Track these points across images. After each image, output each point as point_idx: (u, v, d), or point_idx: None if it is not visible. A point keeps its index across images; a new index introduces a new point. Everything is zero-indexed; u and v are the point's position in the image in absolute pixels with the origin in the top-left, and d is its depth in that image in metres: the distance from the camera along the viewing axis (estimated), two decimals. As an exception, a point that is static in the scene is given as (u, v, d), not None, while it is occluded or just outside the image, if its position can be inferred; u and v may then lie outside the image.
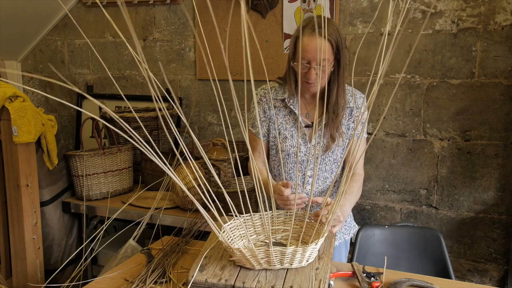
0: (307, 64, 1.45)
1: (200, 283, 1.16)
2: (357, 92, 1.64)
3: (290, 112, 1.62)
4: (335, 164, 1.63)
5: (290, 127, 1.62)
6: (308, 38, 1.42)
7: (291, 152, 1.61)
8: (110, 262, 2.00)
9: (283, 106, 1.63)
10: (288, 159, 1.63)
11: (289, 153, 1.62)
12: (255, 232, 1.40)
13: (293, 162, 1.63)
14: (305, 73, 1.48)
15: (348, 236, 1.76)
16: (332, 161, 1.62)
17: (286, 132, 1.62)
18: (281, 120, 1.62)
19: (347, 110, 1.60)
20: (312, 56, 1.42)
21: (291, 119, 1.62)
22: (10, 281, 2.20)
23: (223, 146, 2.31)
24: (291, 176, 1.64)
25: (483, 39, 2.14)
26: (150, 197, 2.35)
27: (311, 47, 1.42)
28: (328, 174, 1.63)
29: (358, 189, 1.61)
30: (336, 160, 1.62)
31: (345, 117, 1.60)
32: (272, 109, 1.62)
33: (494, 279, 2.27)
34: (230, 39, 2.59)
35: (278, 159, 1.66)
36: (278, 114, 1.62)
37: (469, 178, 2.25)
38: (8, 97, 2.03)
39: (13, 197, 2.12)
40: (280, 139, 1.62)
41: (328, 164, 1.61)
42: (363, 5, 2.32)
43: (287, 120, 1.62)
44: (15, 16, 2.75)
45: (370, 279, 1.31)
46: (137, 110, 2.59)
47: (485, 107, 2.18)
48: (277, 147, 1.64)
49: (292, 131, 1.61)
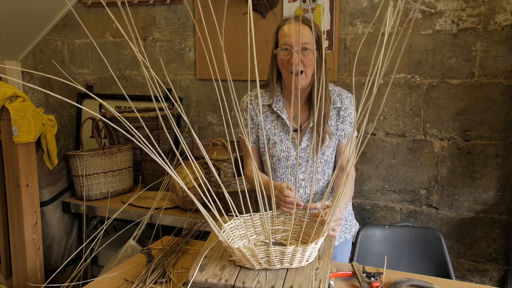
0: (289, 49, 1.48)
1: (200, 283, 1.16)
2: (344, 92, 1.62)
3: (278, 117, 1.61)
4: (326, 165, 1.63)
5: (279, 132, 1.61)
6: (288, 25, 1.49)
7: (282, 157, 1.61)
8: (110, 262, 2.00)
9: (270, 111, 1.62)
10: (279, 164, 1.62)
11: (280, 157, 1.61)
12: (255, 232, 1.40)
13: (284, 167, 1.62)
14: (288, 60, 1.49)
15: (349, 234, 1.75)
16: (324, 162, 1.61)
17: (275, 137, 1.61)
18: (269, 126, 1.62)
19: (335, 111, 1.59)
20: (292, 40, 1.46)
21: (279, 124, 1.61)
22: (10, 281, 2.20)
23: (223, 146, 2.31)
24: (284, 181, 1.63)
25: (483, 39, 2.14)
26: (150, 197, 2.35)
27: (291, 31, 1.47)
28: (321, 175, 1.63)
29: (351, 189, 1.63)
30: (327, 161, 1.62)
31: (333, 118, 1.59)
32: (259, 116, 1.61)
33: (494, 279, 2.27)
34: (230, 39, 2.59)
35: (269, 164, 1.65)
36: (265, 120, 1.62)
37: (469, 178, 2.25)
38: (8, 97, 2.03)
39: (13, 197, 2.12)
40: (270, 145, 1.62)
41: (320, 165, 1.61)
42: (363, 5, 2.32)
43: (275, 126, 1.61)
44: (15, 16, 2.75)
45: (370, 279, 1.31)
46: (137, 110, 2.59)
47: (485, 107, 2.18)
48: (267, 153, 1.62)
49: (281, 136, 1.60)
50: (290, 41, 1.46)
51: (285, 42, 1.48)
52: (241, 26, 2.57)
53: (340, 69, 2.41)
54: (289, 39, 1.47)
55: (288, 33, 1.47)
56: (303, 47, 1.46)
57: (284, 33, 1.48)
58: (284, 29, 1.49)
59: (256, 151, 1.68)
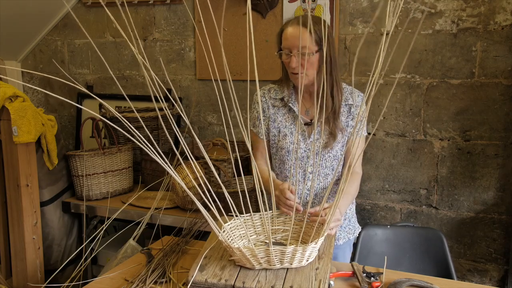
0: (289, 53, 1.53)
1: (200, 283, 1.16)
2: (356, 91, 1.67)
3: (289, 110, 1.65)
4: (335, 160, 1.65)
5: (290, 124, 1.65)
6: (289, 28, 1.53)
7: (291, 149, 1.64)
8: (110, 262, 2.00)
9: (282, 105, 1.67)
10: (288, 156, 1.65)
11: (289, 150, 1.64)
12: (255, 232, 1.40)
13: (293, 159, 1.64)
14: (288, 62, 1.55)
15: (353, 236, 1.77)
16: (332, 157, 1.63)
17: (286, 130, 1.65)
18: (281, 119, 1.66)
19: (346, 108, 1.63)
20: (291, 44, 1.51)
21: (290, 117, 1.65)
22: (10, 281, 2.20)
23: (223, 146, 2.31)
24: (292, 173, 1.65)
25: (483, 39, 2.14)
26: (150, 197, 2.35)
27: (290, 35, 1.51)
28: (329, 170, 1.65)
29: (356, 189, 1.65)
30: (336, 156, 1.64)
31: (344, 114, 1.63)
32: (271, 108, 1.67)
33: (494, 279, 2.27)
34: (230, 39, 2.59)
35: (278, 157, 1.69)
36: (277, 113, 1.66)
37: (469, 178, 2.25)
38: (8, 97, 2.03)
39: (13, 197, 2.12)
40: (280, 137, 1.65)
41: (329, 160, 1.63)
42: (363, 5, 2.32)
43: (286, 118, 1.66)
44: (15, 16, 2.75)
45: (370, 279, 1.31)
46: (137, 110, 2.59)
47: (485, 107, 2.18)
48: (277, 145, 1.66)
49: (292, 128, 1.64)
50: (289, 45, 1.52)
51: (285, 46, 1.54)
52: (241, 26, 2.56)
53: (340, 69, 2.41)
54: (287, 43, 1.52)
55: (288, 37, 1.52)
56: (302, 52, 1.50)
57: (286, 36, 1.54)
58: (286, 32, 1.54)
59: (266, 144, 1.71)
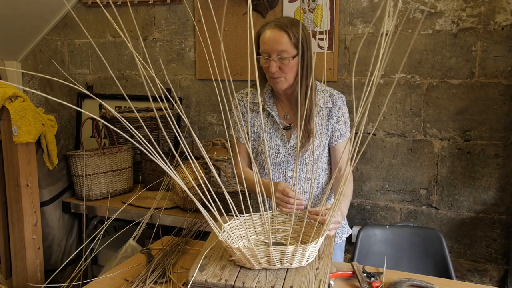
0: (268, 57, 1.49)
1: (200, 283, 1.16)
2: (336, 92, 1.63)
3: (268, 115, 1.63)
4: (316, 165, 1.63)
5: (269, 129, 1.63)
6: (267, 31, 1.49)
7: (270, 154, 1.62)
8: (110, 262, 2.00)
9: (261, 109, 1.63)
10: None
11: (269, 154, 1.62)
12: (255, 232, 1.40)
13: (273, 164, 1.64)
14: (267, 67, 1.51)
15: (340, 239, 1.75)
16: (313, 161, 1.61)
17: (265, 134, 1.62)
18: (259, 123, 1.64)
19: (326, 110, 1.60)
20: (270, 48, 1.47)
21: (269, 121, 1.64)
22: (10, 281, 2.20)
23: (223, 146, 2.31)
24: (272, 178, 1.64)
25: (483, 39, 2.14)
26: (150, 197, 2.35)
27: (268, 39, 1.48)
28: (310, 174, 1.63)
29: (352, 191, 1.66)
30: (316, 160, 1.62)
31: (323, 117, 1.60)
32: (249, 113, 1.64)
33: (494, 279, 2.27)
34: (230, 39, 2.59)
35: (258, 162, 1.68)
36: (256, 117, 1.64)
37: (469, 178, 2.25)
38: (8, 97, 2.03)
39: (13, 197, 2.12)
40: (259, 141, 1.64)
41: (309, 164, 1.61)
42: (363, 5, 2.32)
43: (265, 123, 1.64)
44: (15, 16, 2.75)
45: (370, 279, 1.31)
46: (137, 110, 2.59)
47: (485, 107, 2.18)
48: (257, 150, 1.65)
49: (271, 133, 1.63)
50: (267, 49, 1.49)
51: (263, 50, 1.50)
52: (241, 26, 2.56)
53: (340, 69, 2.42)
54: (266, 47, 1.49)
55: (265, 41, 1.49)
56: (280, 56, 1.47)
57: (264, 40, 1.49)
58: (264, 36, 1.50)
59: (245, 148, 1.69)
